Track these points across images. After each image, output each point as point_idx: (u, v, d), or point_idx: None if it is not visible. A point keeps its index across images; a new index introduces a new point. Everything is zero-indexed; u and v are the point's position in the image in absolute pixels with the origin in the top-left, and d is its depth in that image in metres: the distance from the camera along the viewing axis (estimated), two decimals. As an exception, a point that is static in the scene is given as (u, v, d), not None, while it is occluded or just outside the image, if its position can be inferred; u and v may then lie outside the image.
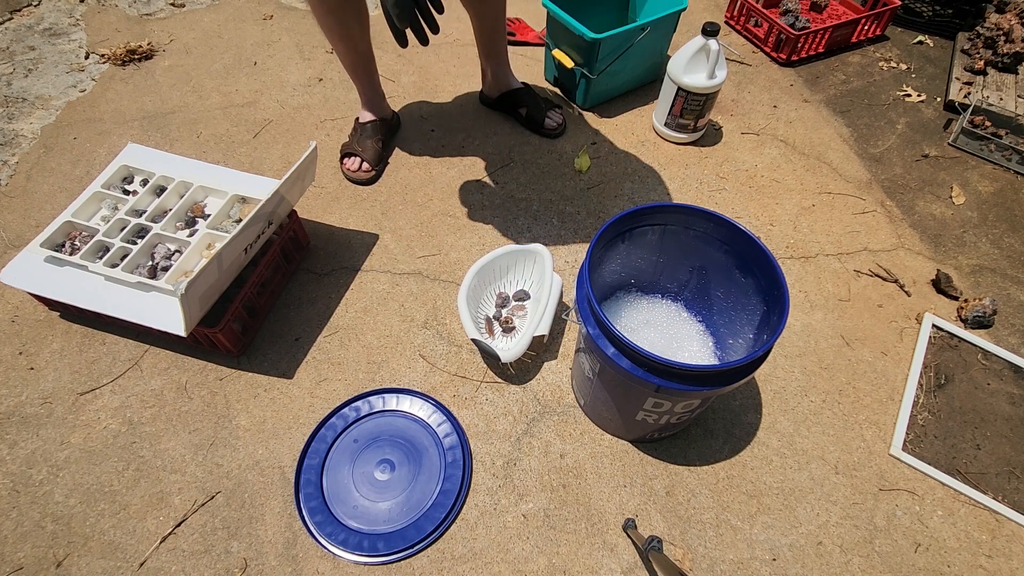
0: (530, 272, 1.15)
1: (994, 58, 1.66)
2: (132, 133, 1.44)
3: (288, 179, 1.00)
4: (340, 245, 1.25)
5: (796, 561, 0.90)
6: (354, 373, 1.07)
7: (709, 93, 1.35)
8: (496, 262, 1.11)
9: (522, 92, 1.45)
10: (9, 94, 1.52)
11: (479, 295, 1.11)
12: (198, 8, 1.81)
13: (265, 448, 0.98)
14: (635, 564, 0.89)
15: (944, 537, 0.93)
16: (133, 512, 0.91)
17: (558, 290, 1.08)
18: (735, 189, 1.39)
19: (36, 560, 0.87)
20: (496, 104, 1.50)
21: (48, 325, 1.10)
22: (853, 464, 1.00)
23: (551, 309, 1.04)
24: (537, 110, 1.44)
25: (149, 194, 1.13)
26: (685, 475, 0.97)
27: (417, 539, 0.89)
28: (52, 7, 1.78)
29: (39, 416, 1.00)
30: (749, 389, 1.07)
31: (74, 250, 1.05)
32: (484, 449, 0.99)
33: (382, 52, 1.66)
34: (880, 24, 1.80)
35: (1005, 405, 1.08)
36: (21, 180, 1.33)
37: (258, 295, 1.08)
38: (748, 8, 1.75)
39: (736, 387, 0.77)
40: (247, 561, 0.87)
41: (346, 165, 1.34)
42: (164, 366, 1.06)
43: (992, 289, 1.24)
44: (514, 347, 0.99)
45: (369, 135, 1.34)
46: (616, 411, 0.91)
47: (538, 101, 1.45)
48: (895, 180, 1.44)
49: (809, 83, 1.67)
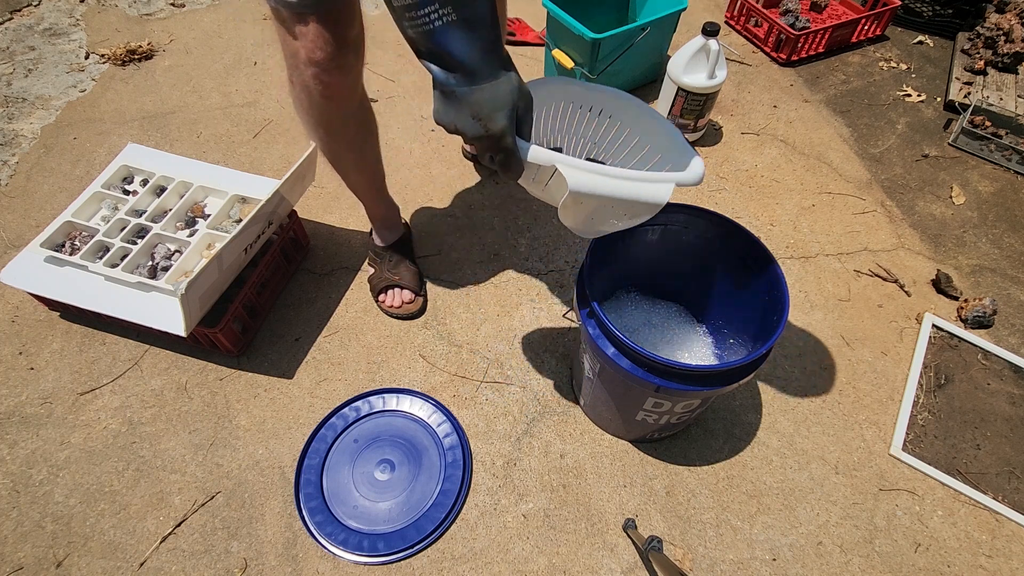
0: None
1: (994, 58, 1.66)
2: (132, 133, 1.44)
3: (288, 179, 1.00)
4: (340, 245, 1.25)
5: (796, 561, 0.90)
6: (354, 373, 1.07)
7: (709, 93, 1.35)
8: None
9: None
10: (9, 94, 1.52)
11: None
12: (198, 8, 1.81)
13: (265, 448, 0.98)
14: (635, 564, 0.89)
15: (944, 537, 0.93)
16: (133, 512, 0.91)
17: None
18: (735, 189, 1.39)
19: (36, 560, 0.87)
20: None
21: (48, 325, 1.10)
22: (853, 464, 1.00)
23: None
24: None
25: (149, 194, 1.13)
26: (685, 475, 0.97)
27: (417, 539, 0.89)
28: (52, 7, 1.78)
29: (39, 416, 1.00)
30: (749, 389, 1.07)
31: (74, 250, 1.05)
32: (484, 449, 0.99)
33: (382, 52, 1.67)
34: (880, 24, 1.80)
35: (1005, 405, 1.08)
36: (21, 180, 1.33)
37: (258, 295, 1.08)
38: (748, 8, 1.75)
39: (736, 387, 0.77)
40: (247, 561, 0.87)
41: (385, 302, 1.12)
42: (164, 366, 1.06)
43: (992, 289, 1.24)
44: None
45: (398, 258, 1.14)
46: (616, 411, 0.91)
47: None
48: (895, 180, 1.44)
49: (809, 83, 1.67)
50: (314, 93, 0.79)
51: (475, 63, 0.52)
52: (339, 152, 0.95)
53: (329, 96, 0.80)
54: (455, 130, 0.57)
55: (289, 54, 0.77)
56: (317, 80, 0.77)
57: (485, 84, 0.53)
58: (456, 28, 0.50)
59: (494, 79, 0.53)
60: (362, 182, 1.04)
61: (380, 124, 0.97)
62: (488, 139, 0.56)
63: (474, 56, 0.52)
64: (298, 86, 0.80)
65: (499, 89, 0.54)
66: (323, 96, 0.80)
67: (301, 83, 0.79)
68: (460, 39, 0.50)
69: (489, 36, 0.52)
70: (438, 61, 0.53)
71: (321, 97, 0.80)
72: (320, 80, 0.77)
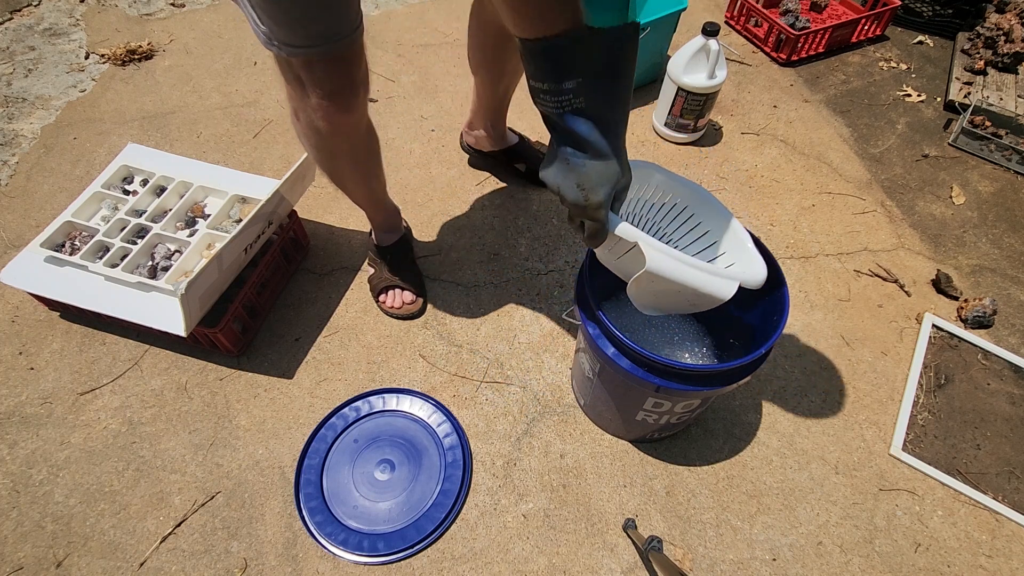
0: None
1: (994, 58, 1.66)
2: (132, 133, 1.44)
3: (288, 179, 1.00)
4: (340, 245, 1.25)
5: (796, 561, 0.90)
6: (354, 373, 1.07)
7: (709, 93, 1.35)
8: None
9: (519, 147, 1.31)
10: (9, 94, 1.52)
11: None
12: (198, 8, 1.81)
13: (265, 448, 0.98)
14: (635, 564, 0.89)
15: (944, 537, 0.93)
16: (133, 512, 0.91)
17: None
18: (735, 189, 1.39)
19: (36, 560, 0.87)
20: (489, 157, 1.34)
21: (48, 325, 1.10)
22: (853, 464, 1.00)
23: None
24: (537, 163, 1.28)
25: (149, 194, 1.13)
26: (685, 475, 0.97)
27: (417, 539, 0.89)
28: (52, 7, 1.78)
29: (39, 416, 1.00)
30: (749, 389, 1.07)
31: (74, 250, 1.05)
32: (484, 449, 0.99)
33: (382, 52, 1.67)
34: (880, 24, 1.80)
35: (1005, 405, 1.08)
36: (21, 180, 1.33)
37: (258, 295, 1.08)
38: (748, 8, 1.75)
39: (736, 387, 0.77)
40: (247, 561, 0.87)
41: (385, 302, 1.13)
42: (164, 366, 1.06)
43: (992, 289, 1.24)
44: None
45: (399, 259, 1.14)
46: (616, 411, 0.91)
47: (536, 153, 1.32)
48: (895, 180, 1.44)
49: (809, 83, 1.67)
50: (322, 129, 0.79)
51: (594, 143, 0.55)
52: (343, 173, 0.95)
53: (337, 133, 0.81)
54: (557, 192, 0.60)
55: (294, 95, 0.76)
56: (326, 120, 0.77)
57: (598, 161, 0.57)
58: (584, 114, 0.54)
59: (606, 159, 0.57)
60: (363, 195, 1.04)
61: (380, 124, 0.97)
62: (585, 209, 0.59)
63: (595, 138, 0.55)
64: (304, 123, 0.80)
65: (609, 168, 0.57)
66: (331, 132, 0.80)
67: (307, 122, 0.79)
68: (586, 123, 0.54)
69: (612, 123, 0.55)
70: (561, 133, 0.56)
71: (329, 133, 0.80)
72: (328, 120, 0.77)
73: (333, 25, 0.67)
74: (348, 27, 0.69)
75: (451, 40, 1.72)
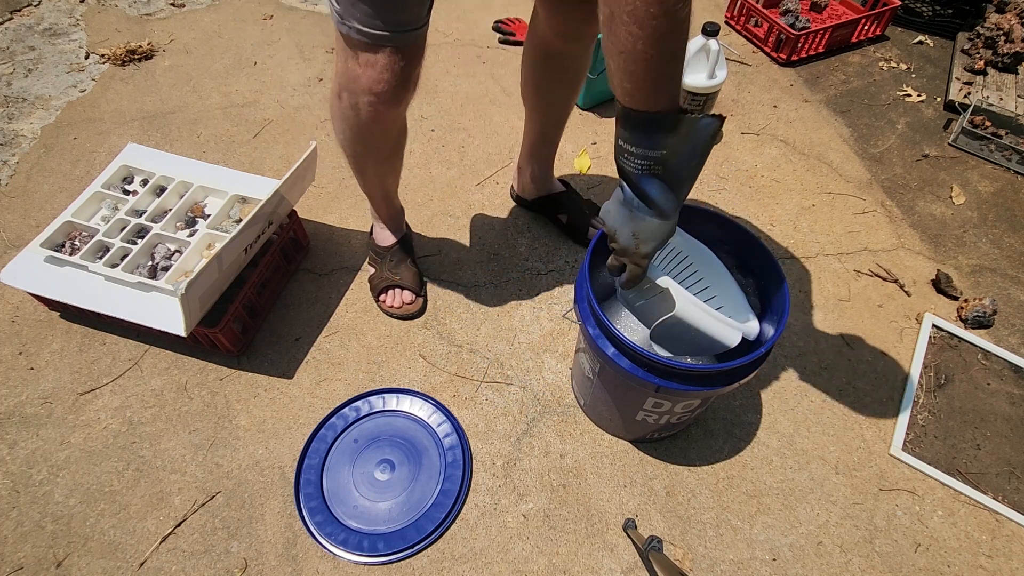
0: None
1: (994, 58, 1.66)
2: (132, 133, 1.44)
3: (288, 179, 1.00)
4: (340, 245, 1.25)
5: (796, 561, 0.90)
6: (354, 373, 1.07)
7: (709, 93, 1.35)
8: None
9: (563, 196, 1.25)
10: (9, 94, 1.52)
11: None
12: (198, 8, 1.81)
13: (265, 448, 0.98)
14: (635, 564, 0.89)
15: (944, 537, 0.93)
16: (133, 512, 0.91)
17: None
18: (735, 189, 1.39)
19: (36, 560, 0.87)
20: (533, 206, 1.30)
21: (48, 325, 1.10)
22: (853, 464, 1.00)
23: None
24: (580, 217, 1.24)
25: (149, 194, 1.13)
26: (685, 475, 0.97)
27: (417, 539, 0.89)
28: (52, 7, 1.78)
29: (39, 416, 1.00)
30: (749, 389, 1.07)
31: (74, 250, 1.05)
32: (484, 449, 0.99)
33: (382, 52, 1.66)
34: (880, 24, 1.80)
35: (1005, 405, 1.08)
36: (21, 180, 1.33)
37: (258, 295, 1.08)
38: (748, 8, 1.75)
39: (736, 387, 0.78)
40: (247, 561, 0.87)
41: (385, 302, 1.13)
42: (164, 366, 1.06)
43: (992, 289, 1.24)
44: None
45: (399, 258, 1.14)
46: (616, 411, 0.91)
47: (581, 207, 1.26)
48: (895, 180, 1.44)
49: (809, 83, 1.67)
50: (363, 116, 0.81)
51: (660, 204, 0.62)
52: (365, 162, 0.97)
53: (376, 121, 0.83)
54: (611, 234, 0.68)
55: (347, 76, 0.78)
56: (371, 107, 0.79)
57: (658, 219, 0.63)
58: (660, 178, 0.59)
59: (666, 219, 0.64)
60: (378, 188, 1.05)
61: (380, 124, 0.97)
62: (633, 256, 0.67)
63: (662, 200, 0.61)
64: (346, 104, 0.81)
65: (665, 227, 0.64)
66: (371, 120, 0.82)
67: (351, 103, 0.80)
68: (659, 187, 0.60)
69: (681, 191, 0.62)
70: (633, 188, 0.62)
71: (368, 120, 0.82)
72: (374, 108, 0.80)
73: (410, 17, 0.72)
74: (419, 22, 0.74)
75: (451, 40, 1.72)
